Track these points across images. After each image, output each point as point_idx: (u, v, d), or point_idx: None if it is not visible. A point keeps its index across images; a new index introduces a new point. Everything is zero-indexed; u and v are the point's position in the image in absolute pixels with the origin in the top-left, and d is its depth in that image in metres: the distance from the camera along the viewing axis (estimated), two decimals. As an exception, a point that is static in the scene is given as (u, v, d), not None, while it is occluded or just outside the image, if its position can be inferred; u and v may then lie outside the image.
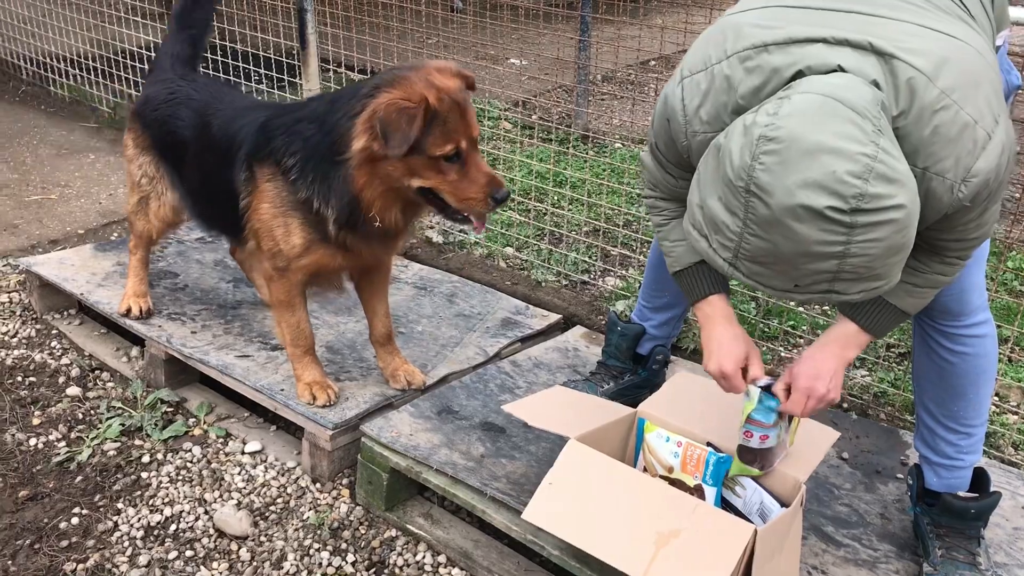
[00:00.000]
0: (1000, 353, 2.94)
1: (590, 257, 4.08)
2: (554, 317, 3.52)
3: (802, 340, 3.46)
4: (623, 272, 3.92)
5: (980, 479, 2.29)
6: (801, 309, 3.57)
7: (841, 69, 1.63)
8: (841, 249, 1.52)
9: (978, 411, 2.23)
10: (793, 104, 1.55)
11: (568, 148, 4.64)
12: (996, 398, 3.18)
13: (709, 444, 2.31)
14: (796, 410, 2.04)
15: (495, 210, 2.48)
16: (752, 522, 2.09)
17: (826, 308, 3.72)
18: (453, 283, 3.76)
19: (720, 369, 2.08)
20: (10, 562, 2.46)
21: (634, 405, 2.50)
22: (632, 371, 2.87)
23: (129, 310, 3.29)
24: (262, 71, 4.83)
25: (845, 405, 3.07)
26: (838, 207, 1.48)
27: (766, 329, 3.46)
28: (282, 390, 2.85)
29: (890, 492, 2.58)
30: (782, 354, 3.41)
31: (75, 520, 2.62)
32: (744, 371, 2.10)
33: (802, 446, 2.28)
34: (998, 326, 2.38)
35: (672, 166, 2.06)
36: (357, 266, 2.78)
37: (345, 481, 2.79)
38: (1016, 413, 3.13)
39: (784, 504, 2.19)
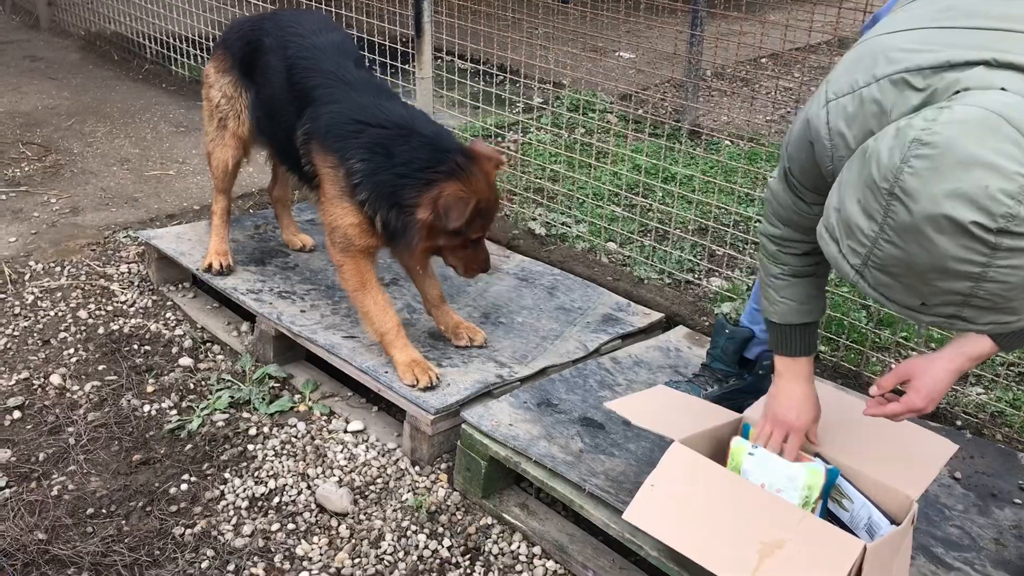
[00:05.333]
0: None
1: (695, 256, 4.02)
2: (656, 315, 3.48)
3: (915, 353, 3.33)
4: (729, 273, 3.85)
5: (1108, 511, 2.17)
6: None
7: (1004, 91, 1.55)
8: (979, 271, 1.44)
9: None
10: (954, 113, 1.47)
11: (676, 144, 4.58)
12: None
13: (817, 455, 2.25)
14: (891, 413, 2.03)
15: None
16: (859, 537, 2.03)
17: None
18: (554, 276, 3.75)
19: (785, 423, 2.21)
20: (123, 522, 2.57)
21: (738, 410, 2.46)
22: (737, 375, 2.81)
23: (211, 266, 3.51)
24: (376, 57, 4.90)
25: (959, 423, 2.95)
26: (984, 224, 1.40)
27: (877, 340, 3.35)
28: (386, 372, 2.90)
29: (1006, 517, 2.47)
30: (893, 367, 3.29)
31: (184, 486, 2.72)
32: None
33: (915, 460, 2.21)
34: None
35: (808, 191, 2.00)
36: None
37: (443, 466, 2.82)
38: None
39: (893, 520, 2.12)
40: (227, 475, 2.77)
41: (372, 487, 2.74)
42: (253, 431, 2.96)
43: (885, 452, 2.23)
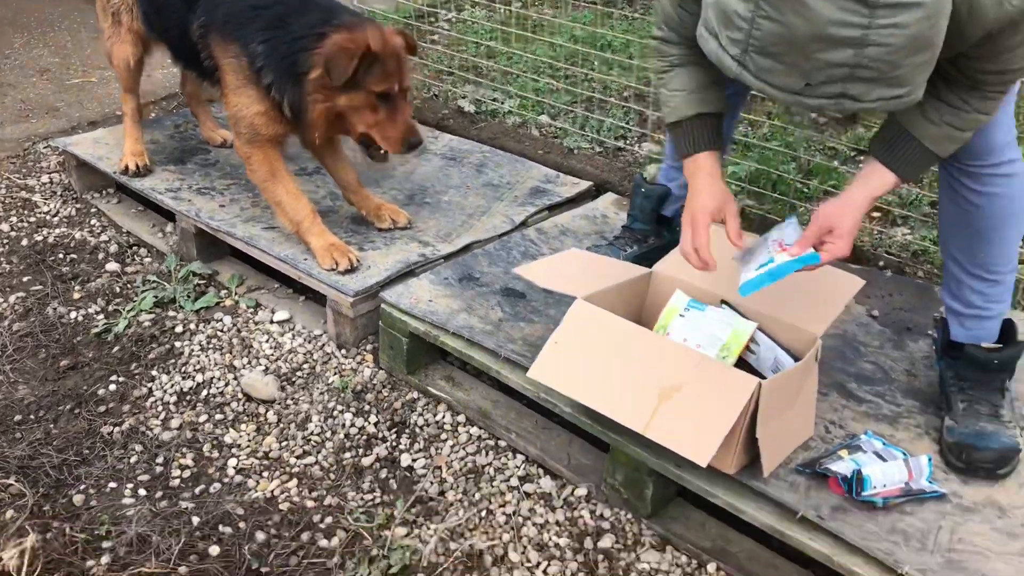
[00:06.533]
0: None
1: (627, 122, 3.95)
2: (584, 184, 3.45)
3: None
4: (660, 136, 3.79)
5: (1007, 330, 2.19)
6: (844, 168, 3.41)
7: None
8: (860, 34, 1.40)
9: (1006, 257, 2.12)
10: None
11: (613, 9, 4.45)
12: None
13: (723, 302, 2.26)
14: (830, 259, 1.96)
15: (407, 153, 2.90)
16: (764, 378, 2.05)
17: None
18: (483, 153, 3.70)
19: (690, 215, 2.06)
20: (52, 425, 2.58)
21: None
22: (656, 234, 2.80)
23: (127, 167, 3.45)
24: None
25: (881, 263, 2.96)
26: None
27: (804, 189, 3.33)
28: (305, 259, 2.87)
29: (919, 349, 2.50)
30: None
31: (112, 387, 2.72)
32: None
33: (821, 299, 2.21)
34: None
35: (690, 1, 1.94)
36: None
37: (369, 347, 2.83)
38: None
39: (799, 359, 2.14)
40: (154, 373, 2.77)
41: (299, 373, 2.75)
42: (180, 328, 2.95)
43: (791, 294, 2.23)
